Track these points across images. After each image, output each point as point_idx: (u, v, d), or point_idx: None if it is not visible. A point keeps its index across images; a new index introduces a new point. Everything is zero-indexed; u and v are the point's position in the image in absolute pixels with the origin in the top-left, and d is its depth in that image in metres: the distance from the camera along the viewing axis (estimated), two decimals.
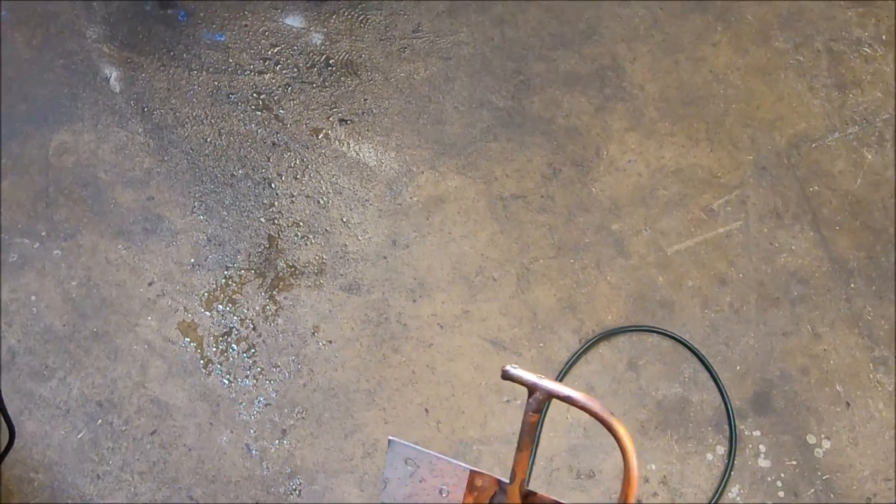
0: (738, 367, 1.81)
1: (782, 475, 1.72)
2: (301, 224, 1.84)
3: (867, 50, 2.10)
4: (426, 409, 1.68)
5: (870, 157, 1.99)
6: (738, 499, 1.69)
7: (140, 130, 1.89)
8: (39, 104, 1.90)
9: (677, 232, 1.92)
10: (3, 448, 1.35)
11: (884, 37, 2.11)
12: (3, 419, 1.32)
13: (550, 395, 0.62)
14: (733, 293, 1.87)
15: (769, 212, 1.96)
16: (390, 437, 0.64)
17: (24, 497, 1.53)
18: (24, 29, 1.95)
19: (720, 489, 1.68)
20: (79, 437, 1.59)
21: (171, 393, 1.64)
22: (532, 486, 1.64)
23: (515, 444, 1.67)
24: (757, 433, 1.75)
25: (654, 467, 1.69)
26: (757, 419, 1.76)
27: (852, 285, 1.86)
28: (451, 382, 1.71)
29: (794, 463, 1.73)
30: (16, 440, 1.56)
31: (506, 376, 0.62)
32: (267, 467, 1.60)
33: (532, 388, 0.63)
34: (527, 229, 1.89)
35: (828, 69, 2.08)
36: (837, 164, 1.99)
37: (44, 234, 1.75)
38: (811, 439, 1.75)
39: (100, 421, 1.60)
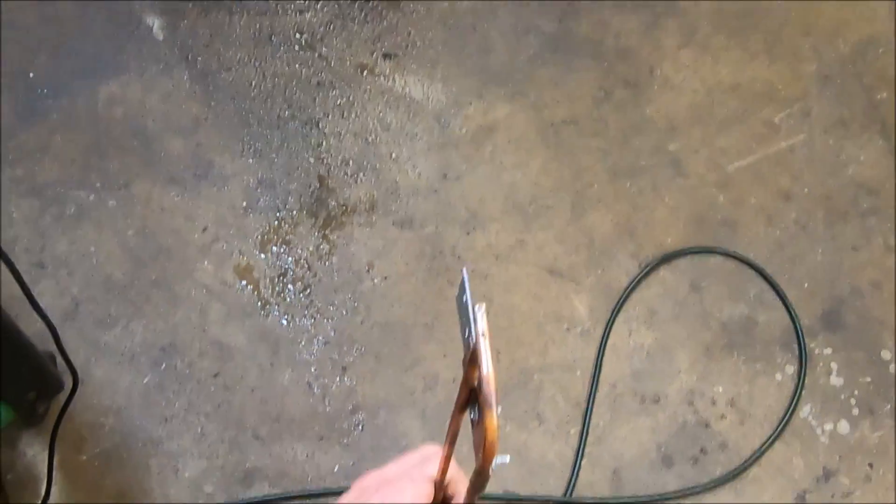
0: (805, 285, 1.75)
1: (856, 392, 1.67)
2: (350, 162, 1.82)
3: None
4: None
5: None
6: (811, 418, 1.65)
7: (185, 77, 1.88)
8: (86, 59, 1.90)
9: (737, 149, 1.85)
10: (68, 393, 1.38)
11: None
12: (66, 364, 1.35)
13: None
14: (799, 209, 1.80)
15: (834, 122, 1.87)
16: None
17: (97, 442, 1.57)
18: None
19: (791, 408, 1.64)
20: (145, 381, 1.61)
21: (231, 335, 1.65)
22: (595, 413, 1.63)
23: (576, 371, 1.65)
24: (828, 351, 1.70)
25: (721, 389, 1.66)
26: (827, 336, 1.71)
27: None
28: (509, 313, 1.69)
29: (868, 380, 1.68)
30: (84, 387, 1.59)
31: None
32: (329, 404, 1.61)
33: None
34: (580, 155, 1.84)
35: None
36: None
37: (98, 185, 1.76)
38: (885, 355, 1.69)
39: (164, 365, 1.63)
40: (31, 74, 1.88)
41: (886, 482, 1.60)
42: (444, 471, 0.67)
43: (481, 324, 0.56)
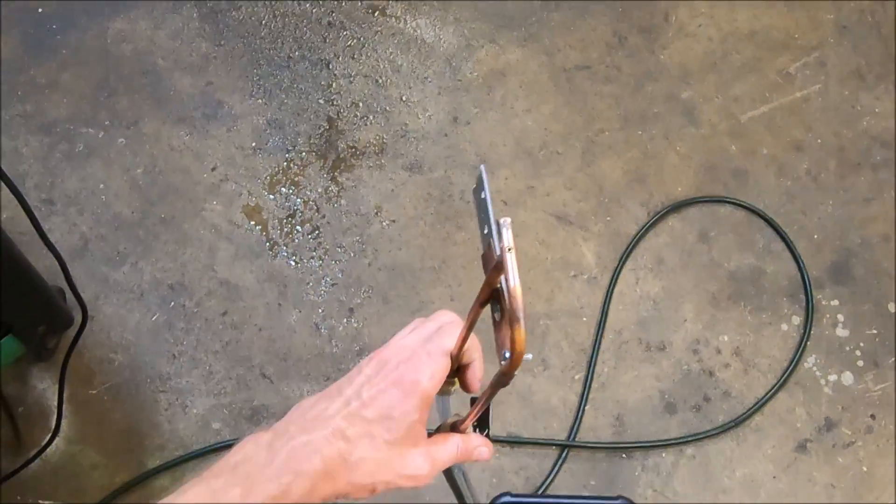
0: (815, 236, 1.74)
1: (861, 344, 1.67)
2: (360, 104, 1.81)
3: None
4: None
5: None
6: (815, 368, 1.65)
7: (195, 15, 1.86)
8: None
9: (751, 98, 1.83)
10: (78, 328, 1.39)
11: None
12: (76, 299, 1.36)
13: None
14: (811, 160, 1.79)
15: (850, 73, 1.85)
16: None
17: (106, 377, 1.58)
18: None
19: (796, 359, 1.64)
20: (153, 319, 1.63)
21: (239, 275, 1.66)
22: (601, 359, 1.64)
23: (582, 318, 1.65)
24: (835, 303, 1.70)
25: (726, 338, 1.66)
26: (835, 288, 1.71)
27: None
28: (517, 258, 1.69)
29: (875, 332, 1.68)
30: (94, 323, 1.61)
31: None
32: (336, 345, 1.62)
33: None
34: (591, 101, 1.82)
35: None
36: None
37: (107, 123, 1.76)
38: (892, 308, 1.69)
39: (172, 303, 1.64)
40: (41, 10, 1.86)
41: (887, 433, 1.61)
42: (461, 346, 0.68)
43: (507, 238, 0.56)
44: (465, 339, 0.68)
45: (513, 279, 0.56)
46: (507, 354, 0.58)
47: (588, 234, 1.72)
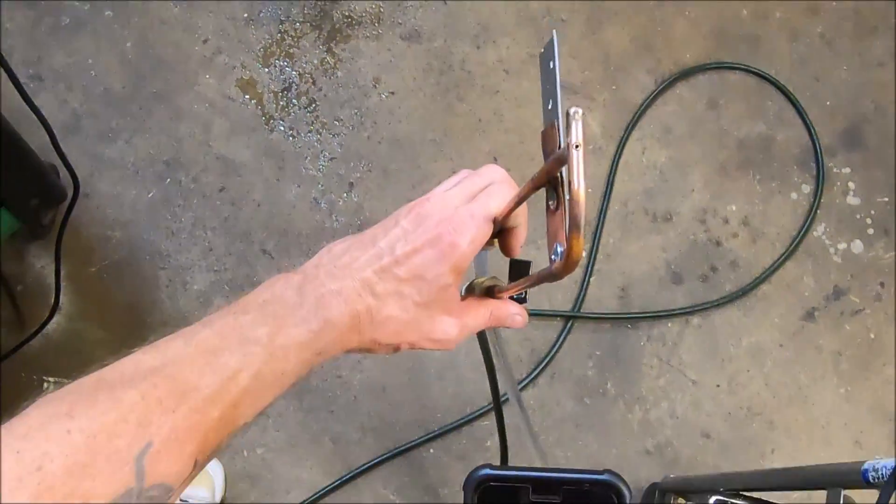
0: (827, 103, 1.69)
1: (872, 212, 1.64)
2: None
3: None
4: (495, 157, 1.62)
5: None
6: (824, 237, 1.62)
7: None
8: None
9: None
10: (69, 200, 1.36)
11: None
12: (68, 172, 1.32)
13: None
14: (825, 23, 1.72)
15: None
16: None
17: (104, 254, 1.56)
18: None
19: (805, 227, 1.61)
20: (150, 196, 1.59)
21: (235, 150, 1.62)
22: (606, 231, 1.61)
23: (587, 190, 1.61)
24: (846, 170, 1.65)
25: (734, 208, 1.63)
26: (847, 155, 1.66)
27: None
28: (520, 129, 1.65)
29: (886, 199, 1.64)
30: (90, 200, 1.58)
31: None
32: (336, 219, 1.59)
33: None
34: None
35: None
36: None
37: None
38: None
39: (168, 180, 1.60)
40: None
41: None
42: (507, 213, 0.63)
43: (576, 133, 0.50)
44: (512, 210, 0.63)
45: (577, 182, 0.50)
46: (561, 253, 0.54)
47: (594, 103, 1.67)
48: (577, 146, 0.50)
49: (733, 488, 1.12)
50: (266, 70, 1.67)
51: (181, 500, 1.38)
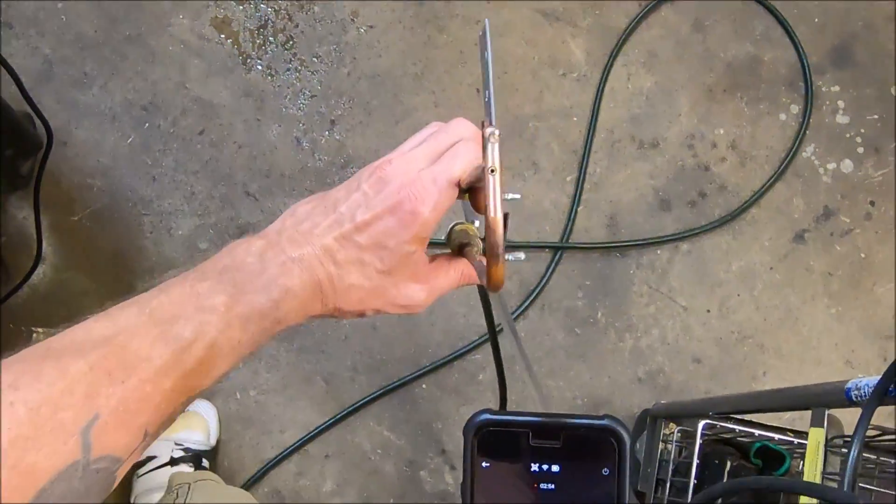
0: (816, 20, 1.65)
1: (862, 131, 1.61)
2: None
3: None
4: (477, 89, 1.60)
5: None
6: (814, 157, 1.60)
7: None
8: None
9: None
10: (43, 147, 1.34)
11: None
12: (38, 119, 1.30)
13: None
14: None
15: None
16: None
17: (87, 203, 1.55)
18: None
19: (794, 148, 1.59)
20: (129, 141, 1.57)
21: (213, 91, 1.59)
22: (592, 160, 1.59)
23: (572, 118, 1.59)
24: (835, 88, 1.63)
25: (722, 131, 1.60)
26: (836, 74, 1.63)
27: None
28: (503, 59, 1.61)
29: (876, 117, 1.62)
30: (68, 149, 1.55)
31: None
32: (319, 158, 1.57)
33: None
34: None
35: None
36: None
37: None
38: (895, 91, 1.62)
39: (147, 125, 1.58)
40: None
41: (887, 219, 1.58)
42: (469, 180, 0.59)
43: (490, 157, 0.48)
44: (475, 175, 0.59)
45: (493, 208, 0.48)
46: (485, 280, 0.53)
47: (576, 29, 1.63)
48: (492, 171, 0.48)
49: (722, 412, 1.12)
50: (241, 7, 1.63)
51: (176, 443, 1.39)
